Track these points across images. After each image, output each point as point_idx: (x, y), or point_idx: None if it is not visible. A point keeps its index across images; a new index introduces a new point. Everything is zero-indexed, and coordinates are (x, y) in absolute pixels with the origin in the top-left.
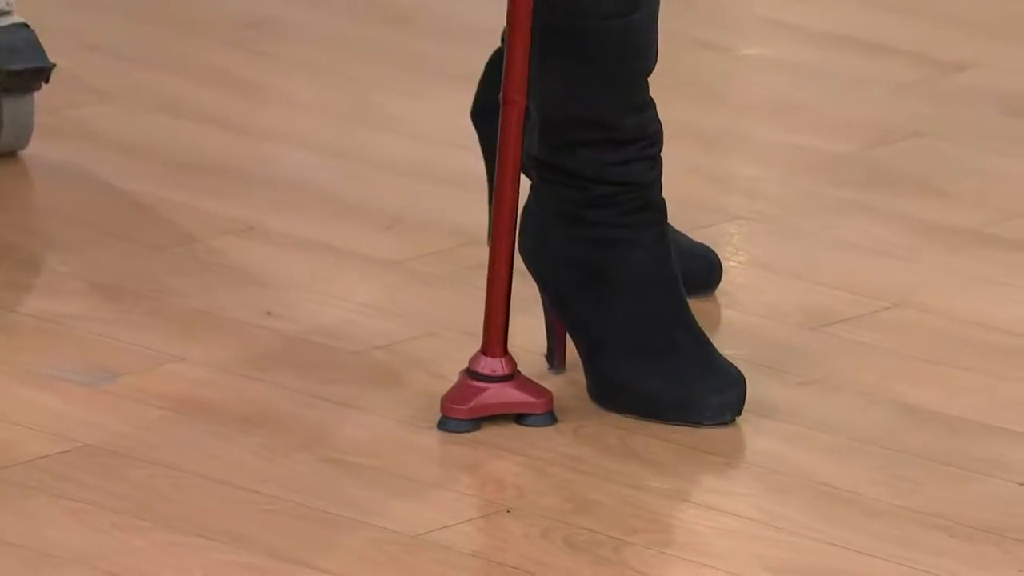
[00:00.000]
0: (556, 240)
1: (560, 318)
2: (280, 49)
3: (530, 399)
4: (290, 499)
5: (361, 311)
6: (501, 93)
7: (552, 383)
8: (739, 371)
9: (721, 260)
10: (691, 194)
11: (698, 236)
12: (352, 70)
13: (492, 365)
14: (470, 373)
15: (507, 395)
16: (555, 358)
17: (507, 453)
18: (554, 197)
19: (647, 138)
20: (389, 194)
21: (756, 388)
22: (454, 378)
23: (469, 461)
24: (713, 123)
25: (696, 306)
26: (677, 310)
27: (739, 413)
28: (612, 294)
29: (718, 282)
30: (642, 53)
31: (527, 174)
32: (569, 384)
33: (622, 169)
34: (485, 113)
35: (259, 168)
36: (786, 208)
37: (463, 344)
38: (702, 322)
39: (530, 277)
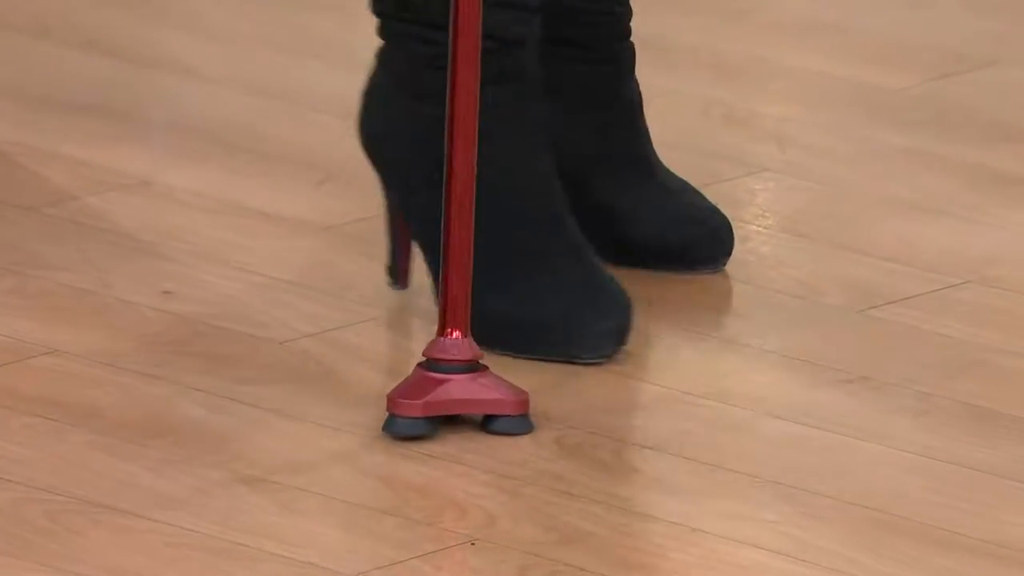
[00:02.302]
0: (401, 119)
1: (406, 223)
2: None
3: (500, 396)
4: (197, 529)
5: (285, 289)
6: None
7: (527, 380)
8: (626, 294)
9: (736, 224)
10: (704, 139)
11: (712, 193)
12: None
13: (451, 347)
14: (425, 364)
15: (471, 390)
16: (399, 272)
17: (471, 469)
18: (398, 56)
19: None
20: (322, 142)
21: (787, 386)
22: (402, 374)
23: (423, 479)
24: (732, 48)
25: (703, 283)
26: (549, 212)
27: (621, 344)
28: None
29: (729, 253)
30: None
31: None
32: (548, 380)
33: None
34: None
35: (158, 108)
36: (825, 157)
37: (414, 330)
38: (709, 302)
39: None
